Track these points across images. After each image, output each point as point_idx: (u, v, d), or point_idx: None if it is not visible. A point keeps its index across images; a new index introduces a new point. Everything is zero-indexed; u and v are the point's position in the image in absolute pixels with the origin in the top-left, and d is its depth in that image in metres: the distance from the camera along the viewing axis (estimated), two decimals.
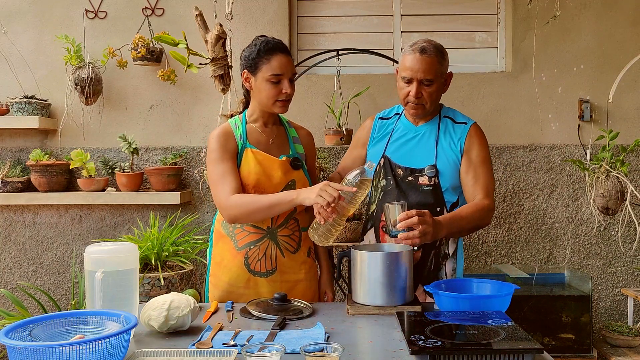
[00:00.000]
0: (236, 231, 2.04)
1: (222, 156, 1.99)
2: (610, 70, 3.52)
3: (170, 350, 1.36)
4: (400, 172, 2.07)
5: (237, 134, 2.04)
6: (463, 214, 1.94)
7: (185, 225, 3.33)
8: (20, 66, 3.64)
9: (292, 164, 2.04)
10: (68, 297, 3.63)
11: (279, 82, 1.98)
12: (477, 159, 2.05)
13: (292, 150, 2.10)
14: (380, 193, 2.10)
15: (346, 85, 3.49)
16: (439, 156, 2.05)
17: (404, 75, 2.03)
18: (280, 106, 2.02)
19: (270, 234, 2.03)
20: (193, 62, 3.10)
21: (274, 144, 2.08)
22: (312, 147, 2.20)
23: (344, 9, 3.77)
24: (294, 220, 2.07)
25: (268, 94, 1.99)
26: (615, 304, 3.62)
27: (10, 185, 3.51)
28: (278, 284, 2.04)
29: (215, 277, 2.09)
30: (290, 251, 2.06)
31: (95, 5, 3.64)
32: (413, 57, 2.01)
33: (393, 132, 2.15)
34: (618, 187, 2.95)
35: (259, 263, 2.03)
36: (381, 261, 1.76)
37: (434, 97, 2.05)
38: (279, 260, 2.04)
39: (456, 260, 2.10)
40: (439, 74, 2.04)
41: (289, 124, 2.18)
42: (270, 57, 1.97)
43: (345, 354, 1.35)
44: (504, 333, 1.42)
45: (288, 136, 2.14)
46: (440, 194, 2.04)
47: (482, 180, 2.03)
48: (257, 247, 2.02)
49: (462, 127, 2.09)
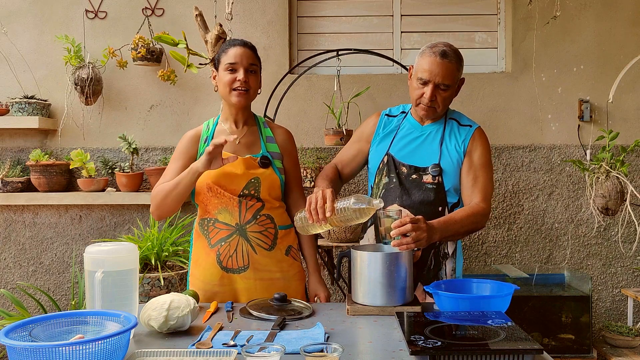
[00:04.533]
0: (209, 229, 2.07)
1: (177, 158, 2.11)
2: (610, 71, 3.52)
3: (170, 350, 1.36)
4: (405, 170, 2.07)
5: (204, 136, 2.13)
6: (457, 218, 1.94)
7: (185, 225, 3.33)
8: (20, 66, 3.64)
9: (260, 162, 2.06)
10: (68, 297, 3.63)
11: (234, 70, 2.04)
12: (479, 162, 2.06)
13: (262, 150, 2.11)
14: (382, 190, 2.09)
15: (346, 86, 3.49)
16: (443, 156, 2.06)
17: (421, 77, 2.01)
18: (236, 95, 2.05)
19: (239, 230, 2.04)
20: (193, 62, 3.10)
21: (242, 144, 2.11)
22: (290, 145, 2.19)
23: (344, 9, 3.77)
24: (265, 216, 2.07)
25: (225, 83, 2.05)
26: (615, 304, 3.62)
27: (10, 185, 3.51)
28: (252, 281, 2.04)
29: (193, 276, 2.12)
30: (264, 248, 2.06)
31: (95, 5, 3.64)
32: (433, 60, 1.99)
33: (399, 130, 2.15)
34: (618, 188, 2.95)
35: (231, 259, 2.04)
36: (381, 261, 1.76)
37: (447, 102, 2.06)
38: (251, 257, 2.04)
39: (455, 260, 2.11)
40: (455, 80, 2.04)
41: (264, 124, 2.19)
42: (228, 49, 2.07)
43: (345, 354, 1.35)
44: (503, 333, 1.42)
45: (261, 136, 2.14)
46: (443, 193, 2.04)
47: (481, 184, 2.04)
48: (227, 244, 2.04)
49: (467, 130, 2.11)
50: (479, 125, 2.14)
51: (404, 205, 2.03)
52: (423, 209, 2.00)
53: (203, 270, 2.07)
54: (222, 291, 2.04)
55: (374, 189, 2.14)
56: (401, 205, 2.04)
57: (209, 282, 2.06)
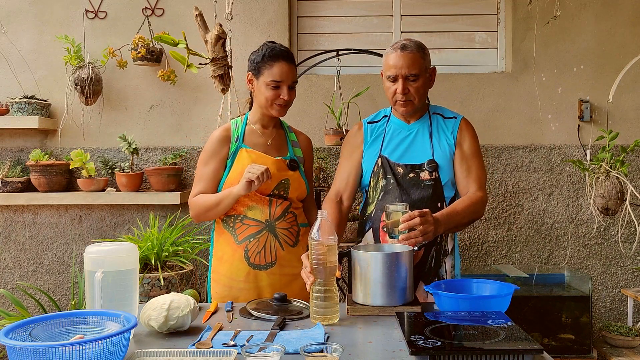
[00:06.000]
0: (236, 225, 2.10)
1: (208, 160, 2.13)
2: (610, 71, 3.52)
3: (170, 350, 1.36)
4: (401, 170, 2.08)
5: (235, 135, 2.15)
6: (459, 209, 1.98)
7: (185, 225, 3.33)
8: (20, 66, 3.64)
9: (289, 165, 2.14)
10: (68, 297, 3.63)
11: (278, 87, 2.07)
12: (469, 151, 2.11)
13: (290, 153, 2.18)
14: (380, 193, 2.10)
15: (346, 86, 3.49)
16: (436, 150, 2.09)
17: (389, 74, 2.07)
18: (277, 110, 2.11)
19: (269, 227, 2.09)
20: (193, 62, 3.10)
21: (272, 145, 2.17)
22: (310, 152, 2.29)
23: (344, 9, 3.77)
24: (291, 214, 2.13)
25: (267, 97, 2.09)
26: (615, 304, 3.62)
27: (10, 185, 3.51)
28: (277, 277, 2.08)
29: (217, 272, 2.14)
30: (290, 244, 2.11)
31: (95, 5, 3.64)
32: (395, 55, 2.05)
33: (386, 132, 2.17)
34: (618, 188, 2.95)
35: (259, 256, 2.08)
36: (381, 261, 1.76)
37: (421, 91, 2.08)
38: (278, 253, 2.09)
39: (454, 257, 2.13)
40: (423, 69, 2.07)
41: (289, 129, 2.27)
42: (273, 64, 2.07)
43: (345, 354, 1.35)
44: (503, 333, 1.42)
45: (287, 139, 2.22)
46: (440, 189, 2.07)
47: (474, 173, 2.09)
48: (256, 240, 2.08)
49: (453, 121, 2.15)
50: (463, 115, 2.18)
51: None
52: (422, 206, 2.01)
53: (229, 266, 2.10)
54: (247, 288, 2.08)
55: (371, 192, 2.15)
56: None
57: (235, 279, 2.09)
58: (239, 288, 2.08)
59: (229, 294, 2.07)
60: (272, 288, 2.05)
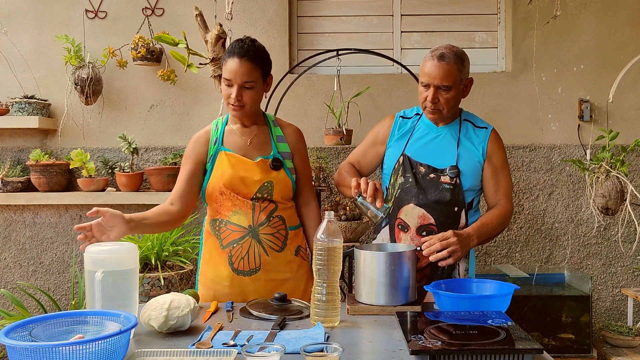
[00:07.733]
0: (221, 230, 2.05)
1: (185, 161, 2.11)
2: (610, 70, 3.52)
3: (170, 350, 1.36)
4: (422, 170, 2.08)
5: (214, 137, 2.08)
6: (489, 221, 2.03)
7: (185, 225, 3.33)
8: (20, 66, 3.64)
9: (271, 165, 2.04)
10: (68, 297, 3.63)
11: (230, 86, 1.98)
12: (499, 165, 2.13)
13: (273, 150, 2.07)
14: (398, 190, 2.10)
15: (346, 85, 3.49)
16: (461, 157, 2.08)
17: (422, 81, 2.06)
18: (232, 110, 2.01)
19: (252, 232, 2.02)
20: (193, 62, 3.10)
21: (253, 145, 2.07)
22: (300, 143, 2.15)
23: (344, 9, 3.76)
24: (278, 218, 2.05)
25: (223, 95, 2.02)
26: (615, 304, 3.62)
27: (10, 185, 3.51)
28: (262, 283, 2.03)
29: (203, 275, 2.11)
30: (275, 250, 2.04)
31: (95, 5, 3.64)
32: (431, 64, 2.03)
33: (414, 131, 2.16)
34: (618, 187, 2.95)
35: (242, 261, 2.02)
36: (384, 261, 1.76)
37: (451, 103, 2.07)
38: (262, 259, 2.03)
39: (469, 261, 2.12)
40: (457, 81, 2.06)
41: (274, 123, 2.14)
42: (227, 60, 1.97)
43: (345, 354, 1.35)
44: (503, 333, 1.42)
45: (271, 135, 2.10)
46: (461, 194, 2.06)
47: (503, 186, 2.12)
48: (239, 246, 2.02)
49: (484, 132, 2.14)
50: (493, 127, 2.19)
51: (419, 204, 2.04)
52: (438, 208, 2.02)
53: (215, 269, 2.06)
54: (232, 293, 2.03)
55: (389, 189, 2.15)
56: (417, 204, 2.05)
57: (219, 282, 2.05)
58: (224, 293, 2.03)
59: (213, 296, 2.03)
60: (257, 294, 2.00)
